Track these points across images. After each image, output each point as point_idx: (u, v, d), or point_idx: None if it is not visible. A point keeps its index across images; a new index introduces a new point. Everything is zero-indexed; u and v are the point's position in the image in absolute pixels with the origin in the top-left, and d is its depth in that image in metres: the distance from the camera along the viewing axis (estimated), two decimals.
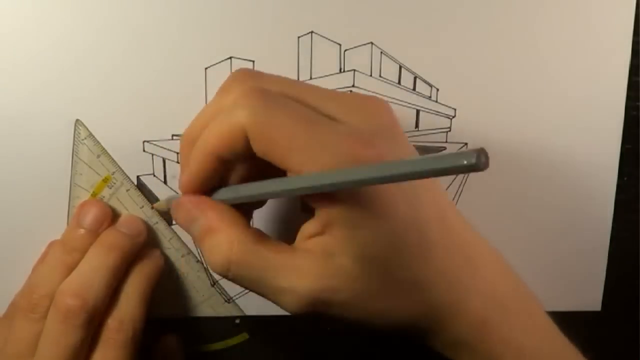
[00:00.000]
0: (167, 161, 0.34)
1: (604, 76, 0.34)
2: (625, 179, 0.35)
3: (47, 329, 0.29)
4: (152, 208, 0.33)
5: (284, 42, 0.33)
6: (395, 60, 0.33)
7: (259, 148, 0.24)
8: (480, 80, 0.34)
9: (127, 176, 0.33)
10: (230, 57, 0.33)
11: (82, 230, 0.31)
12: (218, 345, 0.37)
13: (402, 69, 0.33)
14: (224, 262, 0.25)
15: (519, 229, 0.36)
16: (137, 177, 0.34)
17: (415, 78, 0.34)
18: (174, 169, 0.34)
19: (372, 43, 0.33)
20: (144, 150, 0.33)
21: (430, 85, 0.34)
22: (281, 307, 0.26)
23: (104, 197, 0.33)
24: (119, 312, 0.31)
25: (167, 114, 0.33)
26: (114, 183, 0.33)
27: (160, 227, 0.34)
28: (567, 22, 0.33)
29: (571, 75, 0.34)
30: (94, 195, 0.33)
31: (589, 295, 0.37)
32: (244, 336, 0.36)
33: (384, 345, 0.38)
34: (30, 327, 0.29)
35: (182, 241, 0.34)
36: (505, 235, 0.36)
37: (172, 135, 0.33)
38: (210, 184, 0.26)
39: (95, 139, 0.33)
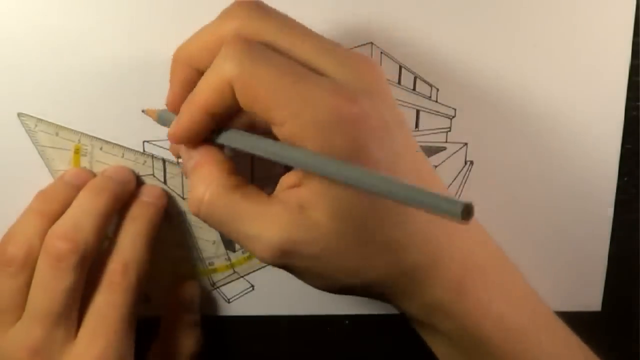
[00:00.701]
0: (167, 161, 0.34)
1: (604, 76, 0.34)
2: (625, 179, 0.35)
3: (38, 275, 0.28)
4: (143, 111, 0.31)
5: None
6: (395, 60, 0.33)
7: (243, 101, 0.24)
8: (480, 80, 0.34)
9: (93, 136, 0.33)
10: None
11: (63, 184, 0.31)
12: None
13: (402, 69, 0.33)
14: (196, 201, 0.26)
15: (519, 228, 0.36)
16: (137, 177, 0.33)
17: (415, 78, 0.34)
18: (174, 169, 0.34)
19: (372, 43, 0.33)
20: (143, 151, 0.33)
21: (430, 85, 0.34)
22: (252, 254, 0.26)
23: (85, 167, 0.33)
24: (122, 256, 0.30)
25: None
26: (86, 148, 0.33)
27: (149, 162, 0.33)
28: (567, 22, 0.33)
29: (571, 75, 0.34)
30: None
31: (589, 295, 0.37)
32: None
33: (384, 346, 0.38)
34: (9, 281, 0.29)
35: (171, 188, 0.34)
36: (505, 235, 0.36)
37: None
38: (202, 135, 0.26)
39: (46, 121, 0.32)
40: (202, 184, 0.26)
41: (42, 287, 0.28)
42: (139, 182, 0.33)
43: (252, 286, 0.36)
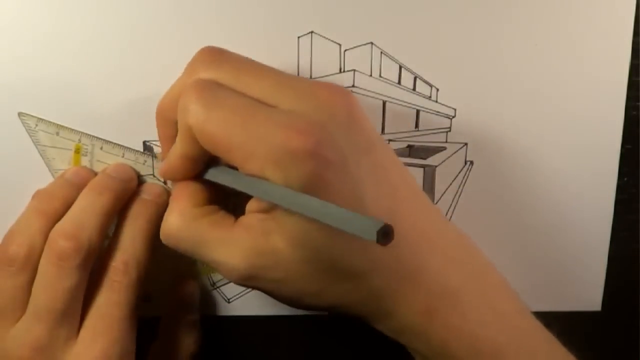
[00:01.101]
0: None
1: (604, 76, 0.34)
2: (625, 179, 0.35)
3: (41, 274, 0.28)
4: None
5: (284, 42, 0.33)
6: (395, 60, 0.33)
7: (205, 146, 0.25)
8: (480, 80, 0.34)
9: (94, 136, 0.33)
10: None
11: (64, 183, 0.31)
12: None
13: (402, 69, 0.33)
14: (165, 231, 0.27)
15: (519, 228, 0.36)
16: (137, 177, 0.33)
17: (415, 78, 0.34)
18: None
19: (372, 43, 0.33)
20: (143, 151, 0.33)
21: (430, 85, 0.34)
22: (223, 277, 0.28)
23: (85, 166, 0.33)
24: (123, 255, 0.30)
25: None
26: (86, 147, 0.33)
27: (149, 162, 0.33)
28: (567, 22, 0.33)
29: (571, 75, 0.34)
30: None
31: (589, 295, 0.37)
32: None
33: (384, 346, 0.38)
34: (11, 280, 0.29)
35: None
36: (505, 235, 0.36)
37: None
38: (186, 174, 0.28)
39: (46, 120, 0.32)
40: (172, 216, 0.27)
41: (45, 285, 0.28)
42: (139, 181, 0.33)
43: None
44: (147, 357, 0.34)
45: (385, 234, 0.19)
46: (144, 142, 0.33)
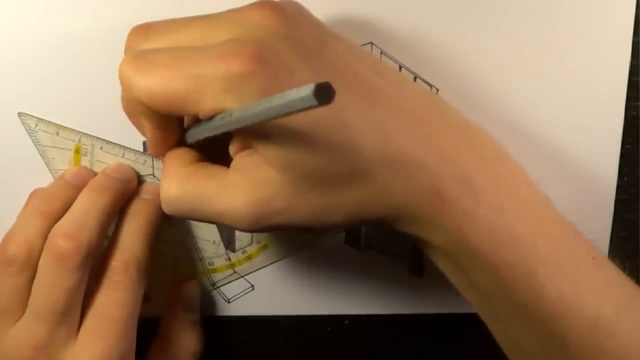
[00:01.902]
0: None
1: (604, 76, 0.34)
2: (625, 179, 0.35)
3: (41, 274, 0.28)
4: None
5: None
6: (395, 60, 0.33)
7: (160, 110, 0.25)
8: (480, 80, 0.34)
9: (94, 136, 0.33)
10: None
11: (63, 183, 0.31)
12: None
13: (402, 69, 0.33)
14: (165, 199, 0.27)
15: None
16: (137, 177, 0.33)
17: (415, 78, 0.34)
18: None
19: (372, 43, 0.33)
20: (143, 151, 0.33)
21: (430, 85, 0.34)
22: (234, 228, 0.27)
23: (85, 166, 0.33)
24: (123, 254, 0.30)
25: None
26: (86, 148, 0.33)
27: (149, 162, 0.33)
28: (567, 22, 0.33)
29: (571, 75, 0.34)
30: None
31: None
32: None
33: (384, 346, 0.38)
34: (11, 280, 0.29)
35: None
36: None
37: None
38: (169, 144, 0.28)
39: (46, 120, 0.32)
40: (166, 181, 0.27)
41: (45, 286, 0.28)
42: (139, 180, 0.33)
43: (252, 286, 0.36)
44: (147, 357, 0.34)
45: (321, 92, 0.18)
46: (144, 142, 0.33)
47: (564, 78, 0.34)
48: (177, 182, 0.26)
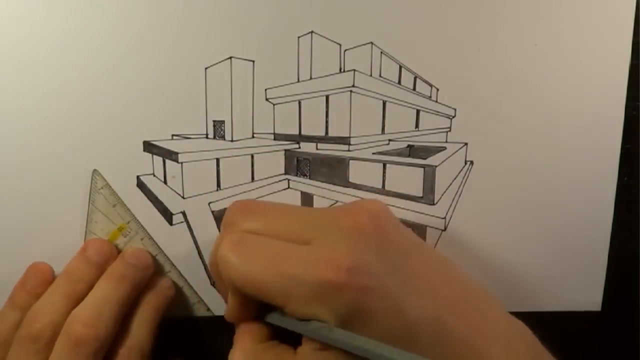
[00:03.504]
0: (167, 161, 0.34)
1: (604, 76, 0.34)
2: (625, 179, 0.35)
3: (56, 357, 0.29)
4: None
5: (284, 42, 0.33)
6: (395, 60, 0.33)
7: (249, 294, 0.26)
8: (480, 80, 0.34)
9: (141, 225, 0.34)
10: (230, 57, 0.33)
11: (87, 263, 0.32)
12: None
13: (402, 69, 0.33)
14: None
15: (519, 229, 0.36)
16: (137, 177, 0.34)
17: (415, 78, 0.34)
18: (173, 169, 0.34)
19: (372, 43, 0.33)
20: (144, 150, 0.33)
21: (430, 85, 0.34)
22: None
23: (118, 244, 0.34)
24: (128, 341, 0.31)
25: (167, 114, 0.33)
26: (129, 232, 0.34)
27: (173, 274, 0.35)
28: (567, 22, 0.33)
29: (571, 75, 0.34)
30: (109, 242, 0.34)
31: (589, 295, 0.37)
32: None
33: None
34: (34, 357, 0.30)
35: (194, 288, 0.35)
36: (506, 235, 0.36)
37: (172, 135, 0.33)
38: (247, 316, 0.29)
39: (112, 188, 0.33)
40: (236, 354, 0.29)
41: None
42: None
43: None
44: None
45: None
46: (144, 142, 0.33)
47: (564, 78, 0.34)
48: (248, 355, 0.28)
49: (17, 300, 0.32)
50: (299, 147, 0.34)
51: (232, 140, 0.34)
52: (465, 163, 0.35)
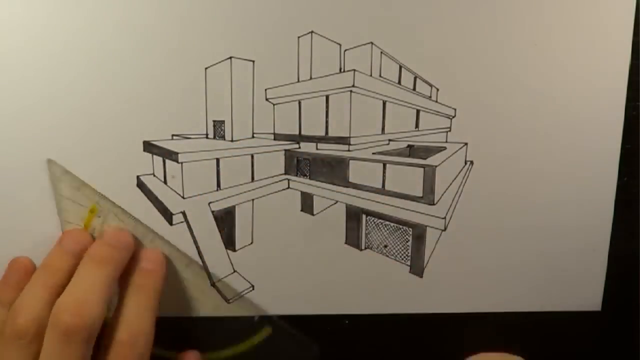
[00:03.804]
0: (167, 161, 0.34)
1: (604, 76, 0.34)
2: (625, 179, 0.35)
3: (47, 349, 0.29)
4: None
5: (284, 42, 0.33)
6: (395, 60, 0.33)
7: None
8: (480, 80, 0.34)
9: (111, 201, 0.33)
10: (230, 57, 0.33)
11: (64, 253, 0.32)
12: (243, 347, 0.36)
13: (402, 69, 0.33)
14: None
15: (519, 228, 0.36)
16: (137, 177, 0.33)
17: (415, 78, 0.34)
18: (173, 169, 0.34)
19: (372, 43, 0.33)
20: (144, 150, 0.33)
21: (430, 85, 0.34)
22: None
23: (94, 228, 0.33)
24: (130, 327, 0.31)
25: (167, 114, 0.33)
26: (101, 211, 0.33)
27: (157, 242, 0.34)
28: (567, 22, 0.33)
29: (571, 75, 0.34)
30: (85, 227, 0.33)
31: (589, 295, 0.37)
32: (267, 331, 0.36)
33: (384, 346, 0.38)
34: (21, 352, 0.29)
35: (182, 252, 0.34)
36: (505, 234, 0.36)
37: (172, 135, 0.33)
38: None
39: (72, 173, 0.33)
40: None
41: (52, 359, 0.29)
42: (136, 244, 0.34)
43: (252, 286, 0.36)
44: None
45: None
46: (144, 142, 0.33)
47: (564, 78, 0.34)
48: None
49: (2, 297, 0.32)
50: (299, 147, 0.34)
51: (232, 140, 0.34)
52: (465, 163, 0.35)
